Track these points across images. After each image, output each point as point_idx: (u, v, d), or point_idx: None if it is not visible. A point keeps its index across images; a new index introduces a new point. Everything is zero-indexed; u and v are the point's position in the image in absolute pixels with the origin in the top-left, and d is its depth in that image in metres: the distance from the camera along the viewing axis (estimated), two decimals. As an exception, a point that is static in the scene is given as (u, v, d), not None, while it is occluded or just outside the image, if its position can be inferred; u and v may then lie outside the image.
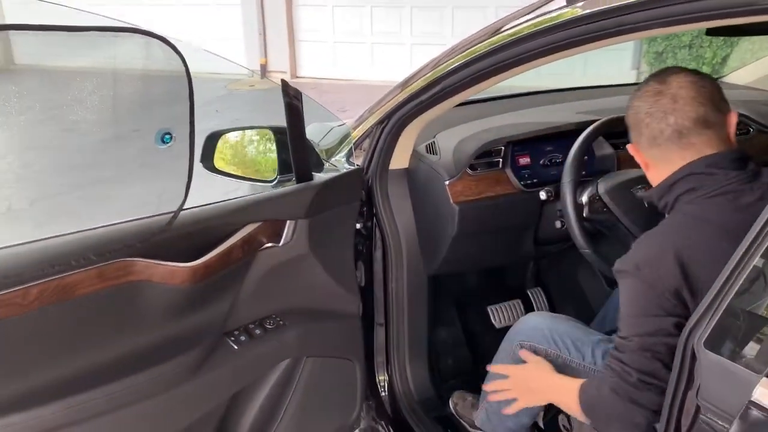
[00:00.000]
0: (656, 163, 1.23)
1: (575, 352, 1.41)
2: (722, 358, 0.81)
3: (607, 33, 1.12)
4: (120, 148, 4.16)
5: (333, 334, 1.58)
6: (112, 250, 1.13)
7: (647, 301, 1.08)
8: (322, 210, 1.48)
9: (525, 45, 1.26)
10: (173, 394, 1.26)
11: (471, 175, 1.68)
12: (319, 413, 1.58)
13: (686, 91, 1.15)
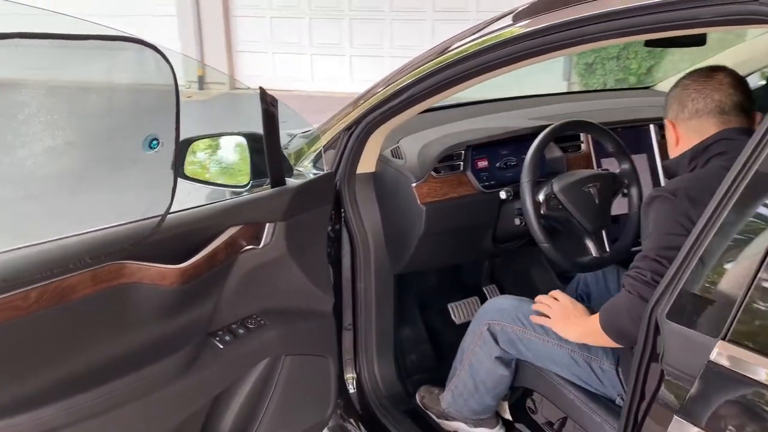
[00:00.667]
0: (691, 135, 1.40)
1: (540, 329, 1.53)
2: (683, 327, 0.93)
3: (549, 47, 1.26)
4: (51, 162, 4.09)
5: (309, 332, 1.64)
6: (106, 253, 1.16)
7: (673, 221, 1.22)
8: (297, 213, 1.54)
9: (485, 56, 1.37)
10: (165, 394, 1.29)
11: (435, 177, 1.78)
12: (297, 410, 1.63)
13: (730, 80, 1.38)
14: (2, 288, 1.04)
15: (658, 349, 0.99)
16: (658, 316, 0.97)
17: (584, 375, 1.49)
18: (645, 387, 1.03)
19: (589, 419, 1.45)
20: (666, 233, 1.24)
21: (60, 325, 1.14)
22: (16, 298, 1.05)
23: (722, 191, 0.92)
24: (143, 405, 1.26)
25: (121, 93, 1.48)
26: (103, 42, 1.17)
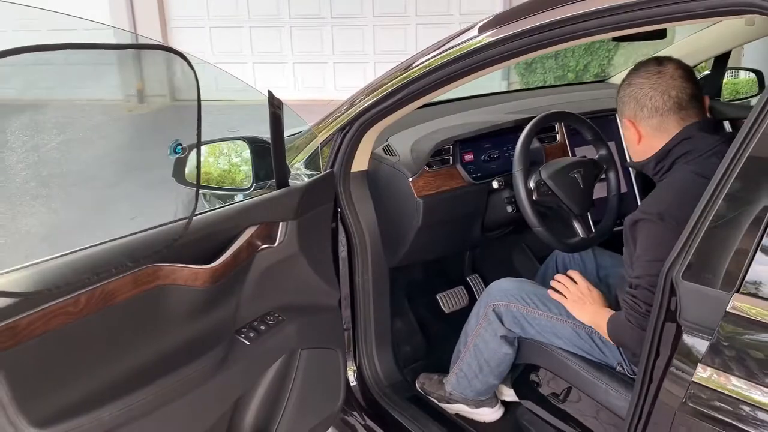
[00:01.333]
0: (652, 132, 1.45)
1: (543, 306, 1.64)
2: (699, 285, 1.05)
3: (513, 54, 1.41)
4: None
5: (321, 325, 1.70)
6: (144, 256, 1.20)
7: (664, 247, 1.26)
8: (306, 211, 1.60)
9: (467, 60, 1.49)
10: (204, 391, 1.33)
11: (428, 171, 1.87)
12: (313, 403, 1.69)
13: (681, 72, 1.42)
14: (54, 294, 1.06)
15: (673, 308, 1.10)
16: (674, 277, 1.08)
17: (586, 347, 1.61)
18: (661, 344, 1.14)
19: (592, 386, 1.57)
20: (657, 260, 1.22)
21: (107, 328, 1.17)
22: (68, 304, 1.08)
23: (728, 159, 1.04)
24: (187, 402, 1.30)
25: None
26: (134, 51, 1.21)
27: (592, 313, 1.56)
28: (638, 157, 1.52)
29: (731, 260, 1.02)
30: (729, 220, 1.03)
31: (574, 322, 1.61)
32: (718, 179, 1.04)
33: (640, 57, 1.70)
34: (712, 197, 1.05)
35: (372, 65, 7.56)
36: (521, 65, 6.52)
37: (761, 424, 0.94)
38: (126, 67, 8.22)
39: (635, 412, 1.20)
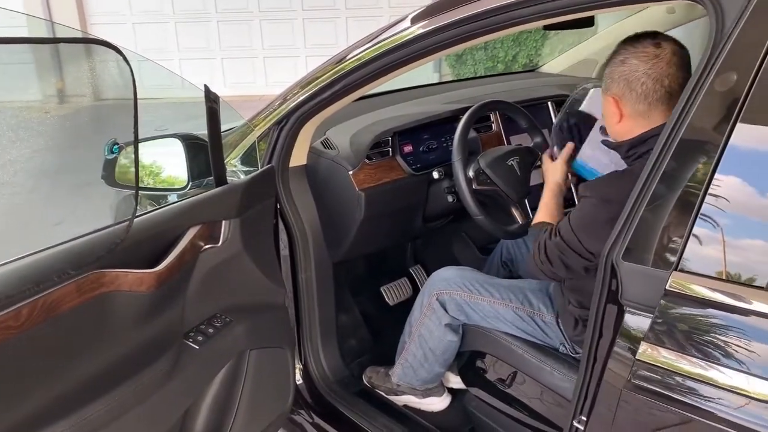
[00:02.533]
0: (636, 116, 1.39)
1: (485, 292, 1.66)
2: (638, 265, 1.08)
3: (446, 44, 1.43)
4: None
5: (269, 324, 1.67)
6: (86, 263, 1.14)
7: (593, 229, 1.34)
8: (248, 208, 1.57)
9: (405, 50, 1.50)
10: (156, 400, 1.29)
11: (369, 164, 1.87)
12: (264, 403, 1.66)
13: (677, 59, 1.33)
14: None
15: (614, 288, 1.14)
16: (614, 259, 1.11)
17: (529, 329, 1.64)
18: (604, 325, 1.17)
19: (537, 369, 1.60)
20: (584, 232, 1.40)
21: (53, 340, 1.12)
22: (8, 318, 1.02)
23: (662, 141, 1.07)
24: (142, 412, 1.26)
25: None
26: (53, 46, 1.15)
27: (551, 210, 1.62)
28: (614, 137, 1.49)
29: (669, 240, 1.05)
30: (665, 201, 1.06)
31: (515, 305, 1.64)
32: (653, 161, 1.08)
33: (567, 47, 1.73)
34: (649, 178, 1.08)
35: (303, 59, 7.49)
36: (452, 57, 6.60)
37: (704, 397, 0.98)
38: (44, 64, 7.88)
39: (581, 393, 1.23)
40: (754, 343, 0.95)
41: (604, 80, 1.44)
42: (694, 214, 1.02)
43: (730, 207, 0.99)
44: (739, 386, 0.96)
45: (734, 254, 0.98)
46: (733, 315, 0.98)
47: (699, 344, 1.00)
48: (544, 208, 1.62)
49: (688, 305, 1.02)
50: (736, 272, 0.98)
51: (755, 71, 0.98)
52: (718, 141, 1.00)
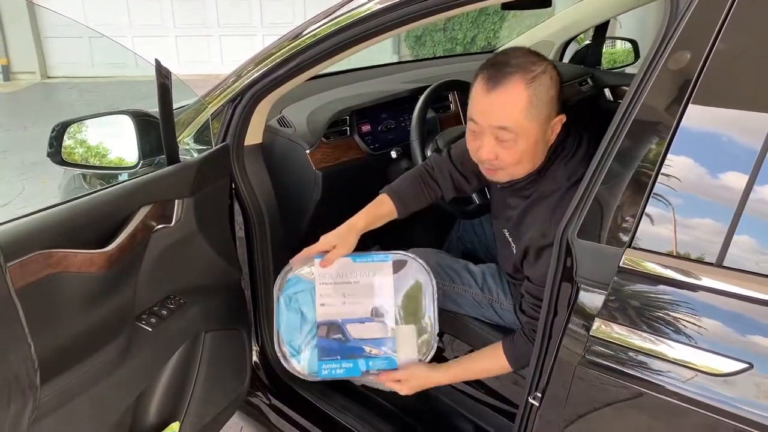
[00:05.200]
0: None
1: (446, 277, 1.66)
2: (593, 242, 1.09)
3: (402, 20, 1.39)
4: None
5: (224, 306, 1.65)
6: (31, 243, 1.10)
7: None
8: (202, 187, 1.54)
9: (361, 27, 1.47)
10: (108, 385, 1.26)
11: (326, 143, 1.84)
12: (220, 386, 1.64)
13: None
14: None
15: (569, 266, 1.15)
16: (569, 236, 1.12)
17: (488, 314, 1.66)
18: (558, 303, 1.19)
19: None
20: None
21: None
22: None
23: (616, 121, 1.08)
24: (92, 397, 1.23)
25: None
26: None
27: (435, 379, 1.52)
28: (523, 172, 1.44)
29: (622, 218, 1.07)
30: (619, 180, 1.08)
31: (474, 292, 1.65)
32: (608, 140, 1.09)
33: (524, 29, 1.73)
34: (603, 157, 1.09)
35: (260, 38, 7.36)
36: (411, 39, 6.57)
37: (655, 371, 1.01)
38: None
39: (536, 370, 1.24)
40: (704, 318, 0.97)
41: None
42: (647, 193, 1.03)
43: (682, 186, 1.01)
44: (688, 360, 0.98)
45: (685, 233, 1.00)
46: (683, 291, 1.00)
47: (650, 320, 1.02)
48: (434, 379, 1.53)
49: (640, 282, 1.03)
50: (687, 250, 1.00)
51: (707, 52, 0.99)
52: (670, 122, 1.01)
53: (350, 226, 1.52)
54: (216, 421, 1.66)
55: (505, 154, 1.32)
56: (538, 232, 1.34)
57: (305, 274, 1.48)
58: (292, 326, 1.46)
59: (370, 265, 1.48)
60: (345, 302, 1.47)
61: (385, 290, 1.47)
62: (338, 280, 1.47)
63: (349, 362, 1.47)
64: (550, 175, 1.36)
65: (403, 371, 1.48)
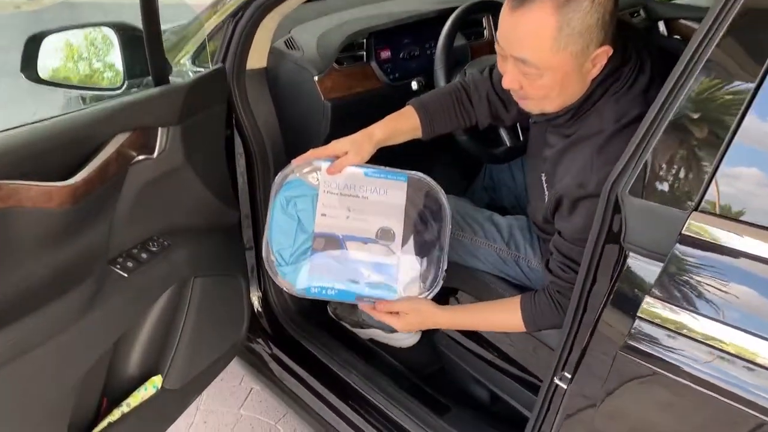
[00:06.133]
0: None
1: (467, 228, 1.46)
2: (650, 202, 0.88)
3: None
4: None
5: (217, 250, 1.48)
6: None
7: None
8: (192, 115, 1.35)
9: None
10: (72, 333, 1.11)
11: (338, 69, 1.63)
12: (212, 335, 1.50)
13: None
14: None
15: (616, 228, 0.94)
16: (619, 192, 0.91)
17: (512, 272, 1.46)
18: (600, 270, 0.99)
19: None
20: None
21: None
22: None
23: (688, 54, 0.86)
24: (51, 348, 1.08)
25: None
26: None
27: (437, 319, 1.32)
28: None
29: (688, 174, 0.85)
30: (686, 129, 0.86)
31: (499, 247, 1.45)
32: (674, 80, 0.86)
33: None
34: (668, 100, 0.87)
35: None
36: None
37: (720, 369, 0.81)
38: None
39: (565, 346, 1.06)
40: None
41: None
42: (723, 147, 0.82)
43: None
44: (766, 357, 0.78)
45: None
46: (762, 268, 0.79)
47: (717, 304, 0.81)
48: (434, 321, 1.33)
49: (707, 254, 0.83)
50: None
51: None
52: (756, 66, 0.79)
53: (367, 134, 1.31)
54: (208, 372, 1.52)
55: (528, 86, 1.11)
56: (574, 179, 1.12)
57: (309, 178, 1.28)
58: (285, 232, 1.26)
59: (382, 181, 1.28)
60: (349, 217, 1.27)
61: (396, 212, 1.28)
62: (345, 192, 1.27)
63: (342, 284, 1.27)
64: (596, 112, 1.13)
65: (403, 303, 1.28)
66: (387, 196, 1.28)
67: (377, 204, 1.27)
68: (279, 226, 1.26)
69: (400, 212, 1.28)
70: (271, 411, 2.07)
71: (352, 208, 1.27)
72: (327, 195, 1.27)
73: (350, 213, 1.27)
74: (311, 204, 1.27)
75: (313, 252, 1.26)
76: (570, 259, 1.17)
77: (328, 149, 1.28)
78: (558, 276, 1.19)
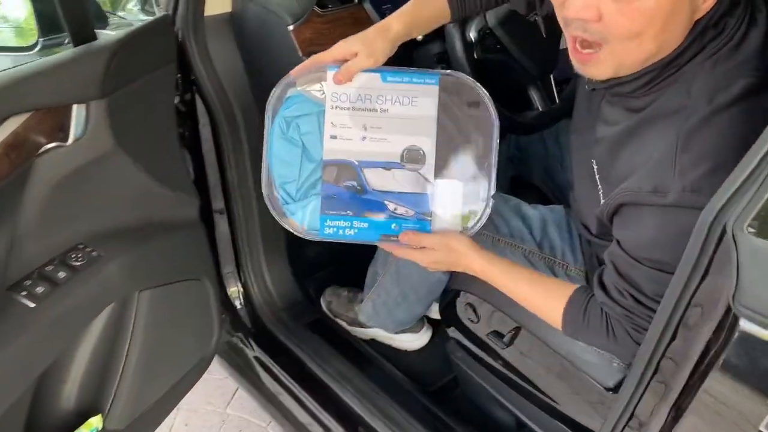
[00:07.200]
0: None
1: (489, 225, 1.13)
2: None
3: None
4: None
5: (170, 252, 1.19)
6: None
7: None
8: (123, 83, 1.03)
9: None
10: None
11: (321, 15, 1.29)
12: (168, 355, 1.23)
13: None
14: None
15: (720, 279, 0.62)
16: (731, 226, 0.58)
17: None
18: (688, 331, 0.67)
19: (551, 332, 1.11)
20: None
21: None
22: None
23: None
24: None
25: None
26: None
27: (472, 262, 1.01)
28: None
29: None
30: None
31: (528, 248, 1.12)
32: None
33: None
34: None
35: None
36: None
37: None
38: None
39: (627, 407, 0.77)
40: None
41: None
42: None
43: None
44: None
45: None
46: None
47: None
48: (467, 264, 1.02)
49: None
50: None
51: None
52: None
53: (381, 28, 1.01)
54: (165, 400, 1.24)
55: (616, 14, 0.74)
56: (646, 180, 0.78)
57: (313, 91, 1.00)
58: (287, 162, 1.00)
59: (406, 87, 1.00)
60: (366, 137, 1.01)
61: (426, 126, 1.00)
62: (358, 105, 1.00)
63: (363, 221, 1.02)
64: (683, 80, 0.79)
65: (435, 236, 1.00)
66: (413, 106, 1.00)
67: (401, 118, 1.00)
68: (279, 155, 1.01)
69: (432, 126, 1.00)
70: (262, 410, 1.82)
71: (369, 126, 1.01)
72: (336, 111, 1.00)
73: (367, 132, 1.01)
74: (317, 124, 1.01)
75: (324, 184, 1.01)
76: (630, 283, 0.85)
77: (333, 51, 1.00)
78: (614, 299, 0.88)
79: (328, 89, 0.99)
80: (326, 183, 1.00)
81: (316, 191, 1.00)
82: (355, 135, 1.00)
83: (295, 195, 1.01)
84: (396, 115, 0.99)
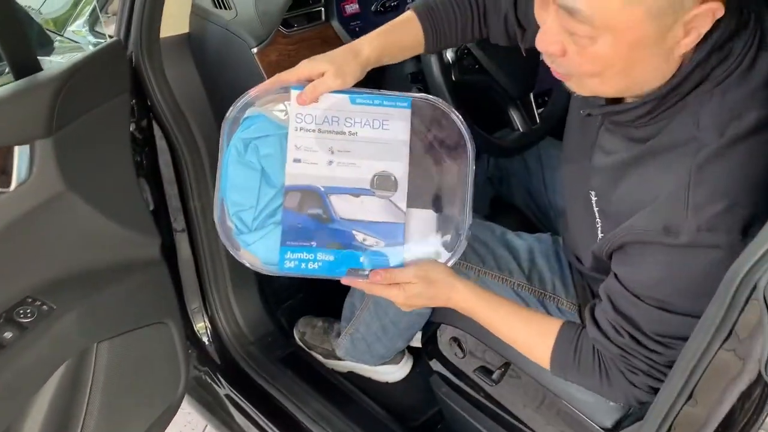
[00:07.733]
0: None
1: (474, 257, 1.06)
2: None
3: None
4: None
5: (131, 296, 1.09)
6: None
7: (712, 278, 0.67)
8: (72, 118, 0.94)
9: None
10: None
11: (286, 35, 1.22)
12: (134, 404, 1.15)
13: None
14: None
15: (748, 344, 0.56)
16: (762, 288, 0.53)
17: None
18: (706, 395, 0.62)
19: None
20: (698, 292, 0.70)
21: None
22: None
23: None
24: None
25: None
26: None
27: (453, 293, 0.93)
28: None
29: None
30: None
31: (516, 281, 1.06)
32: None
33: None
34: None
35: None
36: None
37: None
38: None
39: None
40: None
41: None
42: None
43: None
44: None
45: None
46: None
47: None
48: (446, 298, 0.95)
49: None
50: None
51: None
52: None
53: (351, 50, 0.93)
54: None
55: (575, 54, 0.71)
56: (655, 218, 0.72)
57: (275, 111, 0.91)
58: (244, 188, 0.90)
59: (376, 109, 0.92)
60: (333, 162, 0.92)
61: (397, 151, 0.92)
62: (325, 128, 0.91)
63: (328, 253, 0.91)
64: (689, 110, 0.73)
65: (410, 269, 0.90)
66: (384, 130, 0.92)
67: (371, 142, 0.92)
68: (235, 181, 0.90)
69: (404, 151, 0.92)
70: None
71: (337, 150, 0.92)
72: (300, 133, 0.91)
73: (334, 156, 0.92)
74: (279, 147, 0.91)
75: (285, 212, 0.91)
76: (628, 321, 0.79)
77: (298, 70, 0.90)
78: (609, 337, 0.81)
79: (292, 110, 0.90)
80: (288, 210, 0.90)
81: (275, 220, 0.91)
82: (321, 159, 0.91)
83: (251, 224, 0.90)
84: (366, 138, 0.91)
